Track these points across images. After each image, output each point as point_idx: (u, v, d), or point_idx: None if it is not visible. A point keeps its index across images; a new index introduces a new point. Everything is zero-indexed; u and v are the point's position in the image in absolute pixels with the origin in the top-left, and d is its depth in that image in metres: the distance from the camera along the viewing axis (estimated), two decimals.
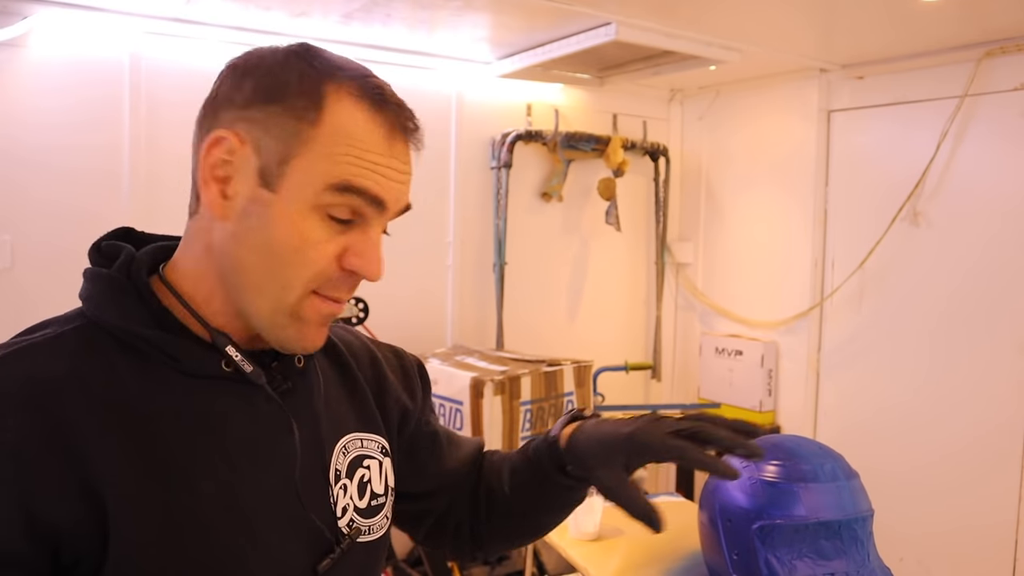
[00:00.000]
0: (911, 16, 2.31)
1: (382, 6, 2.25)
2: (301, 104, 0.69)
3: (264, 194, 0.70)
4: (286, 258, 0.70)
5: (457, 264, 3.05)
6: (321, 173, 0.69)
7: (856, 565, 1.07)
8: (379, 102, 0.71)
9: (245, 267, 0.71)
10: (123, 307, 0.72)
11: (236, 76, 0.74)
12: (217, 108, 0.73)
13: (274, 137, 0.69)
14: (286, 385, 0.78)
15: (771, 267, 3.24)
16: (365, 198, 0.70)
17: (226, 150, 0.70)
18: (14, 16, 2.16)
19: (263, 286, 0.71)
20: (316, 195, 0.69)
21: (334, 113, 0.69)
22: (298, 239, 0.69)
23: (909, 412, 2.82)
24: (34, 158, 2.27)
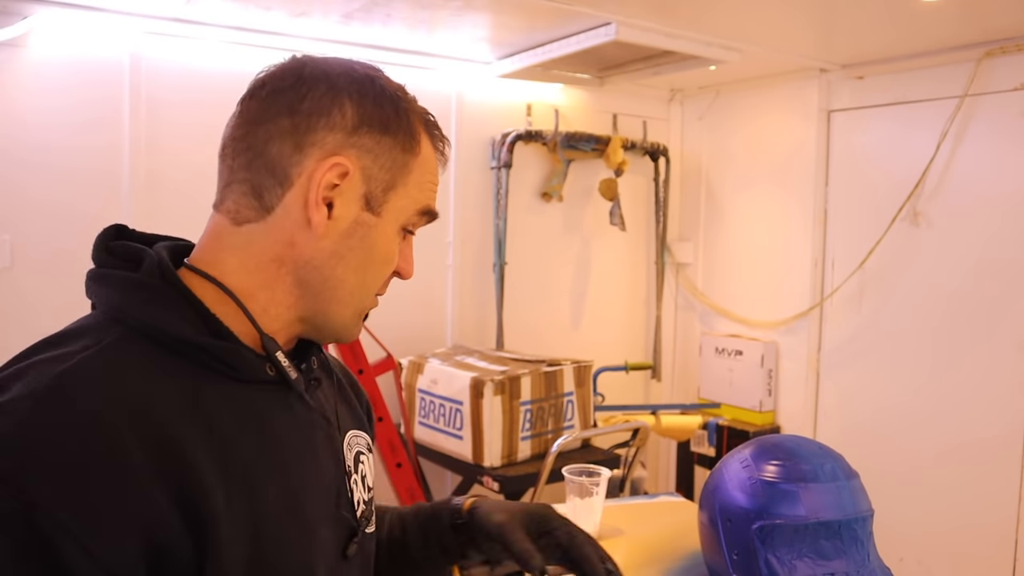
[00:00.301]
0: (911, 16, 2.31)
1: (382, 6, 2.25)
2: (405, 138, 0.77)
3: (368, 217, 0.76)
4: (379, 271, 0.79)
5: (457, 264, 3.05)
6: (415, 200, 0.78)
7: (856, 565, 1.07)
8: (436, 133, 0.81)
9: (340, 281, 0.77)
10: (174, 314, 0.70)
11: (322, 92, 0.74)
12: (312, 127, 0.73)
13: (382, 166, 0.76)
14: (314, 382, 0.82)
15: (771, 267, 3.24)
16: (431, 216, 0.81)
17: (338, 175, 0.74)
18: (14, 16, 2.16)
19: (353, 296, 0.78)
20: (408, 218, 0.79)
21: (424, 147, 0.79)
22: (391, 255, 0.79)
23: (909, 412, 2.83)
24: (34, 158, 2.27)
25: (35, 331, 0.78)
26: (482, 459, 2.44)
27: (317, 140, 0.73)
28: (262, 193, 0.74)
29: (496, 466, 2.44)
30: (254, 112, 0.75)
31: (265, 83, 0.75)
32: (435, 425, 2.60)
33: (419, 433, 2.68)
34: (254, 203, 0.74)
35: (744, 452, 1.16)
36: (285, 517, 0.72)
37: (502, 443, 2.45)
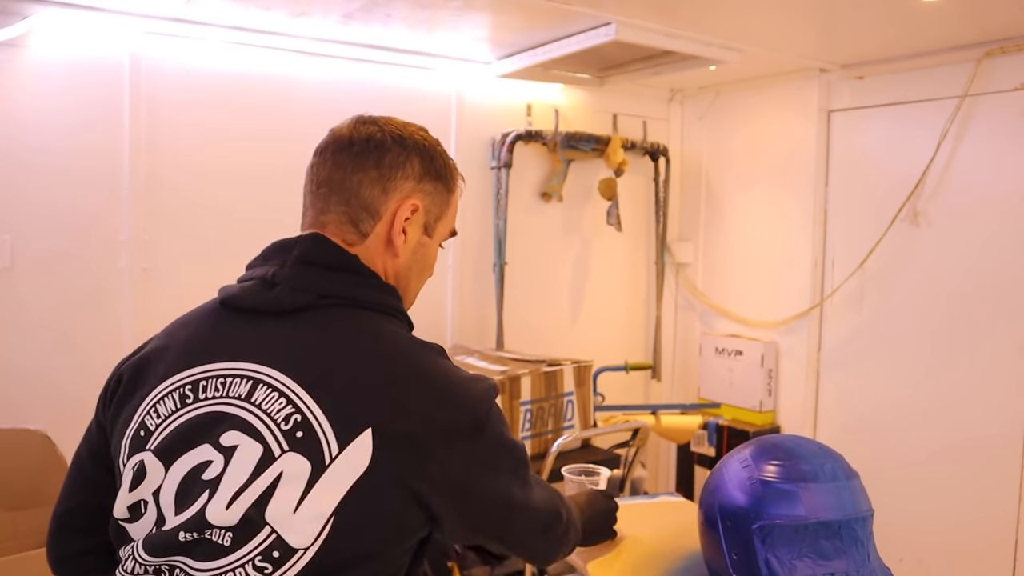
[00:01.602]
0: (911, 16, 2.31)
1: (382, 6, 2.25)
2: (448, 182, 1.10)
3: (426, 239, 1.09)
4: (426, 275, 1.14)
5: (457, 264, 3.05)
6: (449, 225, 1.13)
7: (856, 565, 1.07)
8: (460, 176, 1.15)
9: (411, 281, 1.11)
10: (402, 309, 1.10)
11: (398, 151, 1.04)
12: (393, 177, 1.03)
13: (435, 204, 1.08)
14: None
15: (771, 267, 3.24)
16: (455, 234, 1.16)
17: (411, 211, 1.04)
18: (14, 16, 2.16)
19: (414, 294, 1.14)
20: (444, 238, 1.13)
21: (456, 188, 1.13)
22: (433, 263, 1.14)
23: (909, 412, 2.83)
24: (34, 158, 2.27)
25: (35, 331, 0.80)
26: None
27: (397, 187, 1.03)
28: (359, 224, 1.02)
29: None
30: (346, 163, 1.01)
31: (353, 142, 1.02)
32: None
33: None
34: (354, 230, 1.02)
35: (744, 452, 1.16)
36: None
37: None
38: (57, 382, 2.29)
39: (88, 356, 2.33)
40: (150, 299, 2.40)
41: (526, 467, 1.02)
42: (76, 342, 2.32)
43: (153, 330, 1.08)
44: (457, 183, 1.13)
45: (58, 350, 2.30)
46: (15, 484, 1.97)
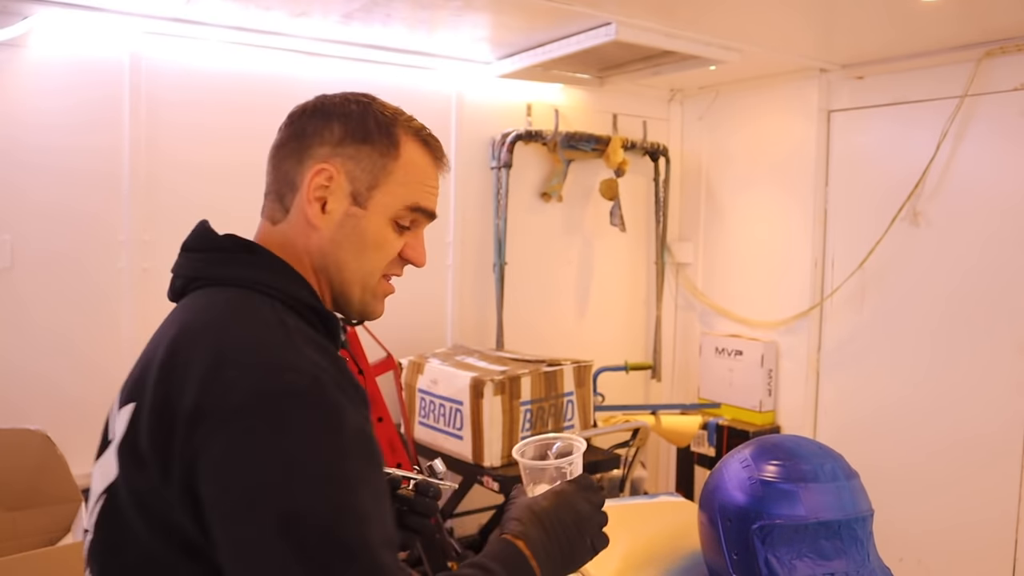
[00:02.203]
0: (911, 16, 2.31)
1: (382, 6, 2.25)
2: (383, 144, 0.94)
3: (356, 211, 0.94)
4: (374, 255, 0.96)
5: (457, 264, 3.05)
6: (401, 196, 0.95)
7: (856, 565, 1.07)
8: (428, 141, 0.98)
9: (343, 262, 0.95)
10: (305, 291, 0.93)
11: (319, 119, 0.95)
12: (309, 145, 0.94)
13: (364, 169, 0.94)
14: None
15: (771, 267, 3.24)
16: (424, 213, 0.98)
17: (326, 178, 0.93)
18: (14, 16, 2.16)
19: (356, 275, 0.96)
20: (395, 212, 0.95)
21: (407, 152, 0.96)
22: (382, 242, 0.96)
23: (909, 412, 2.83)
24: (34, 158, 2.27)
25: (35, 331, 0.80)
26: (482, 459, 2.44)
27: (312, 154, 0.94)
28: (283, 199, 0.96)
29: (496, 466, 2.44)
30: (280, 140, 0.97)
31: (291, 118, 0.98)
32: (435, 425, 2.60)
33: (419, 433, 2.68)
34: (279, 207, 0.96)
35: (744, 452, 1.16)
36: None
37: (502, 443, 2.45)
38: (57, 382, 2.29)
39: (88, 356, 2.33)
40: (150, 299, 2.40)
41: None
42: (76, 342, 2.32)
43: (153, 330, 1.08)
44: (402, 146, 0.95)
45: (58, 350, 2.29)
46: (15, 484, 1.97)
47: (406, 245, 0.98)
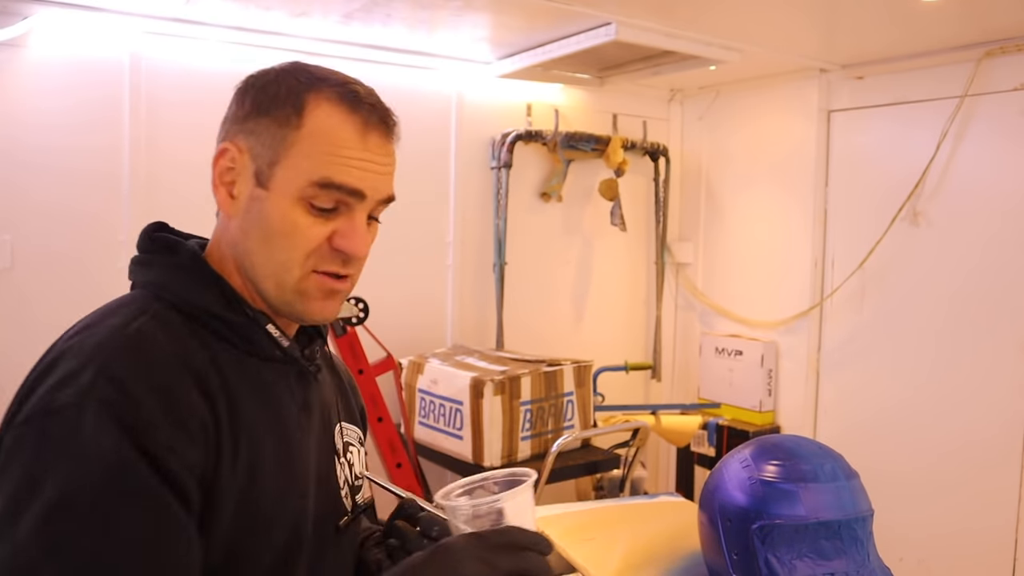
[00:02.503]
0: (911, 16, 2.31)
1: (382, 6, 2.25)
2: (284, 114, 0.81)
3: (259, 192, 0.81)
4: (280, 243, 0.81)
5: (457, 264, 3.05)
6: (305, 171, 0.80)
7: (856, 565, 1.07)
8: (353, 104, 0.81)
9: (252, 254, 0.83)
10: (211, 294, 0.82)
11: (240, 95, 0.85)
12: (226, 125, 0.85)
13: (264, 144, 0.81)
14: (315, 368, 0.92)
15: (771, 267, 3.24)
16: (344, 191, 0.80)
17: (229, 159, 0.83)
18: (14, 16, 2.16)
19: (267, 269, 0.83)
20: (301, 190, 0.80)
21: (313, 118, 0.80)
22: (289, 227, 0.80)
23: (909, 412, 2.82)
24: (34, 158, 2.27)
25: (35, 331, 0.81)
26: (482, 459, 2.44)
27: (222, 134, 0.85)
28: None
29: (496, 466, 2.44)
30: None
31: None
32: (435, 425, 2.60)
33: (419, 433, 2.68)
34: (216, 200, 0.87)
35: (744, 452, 1.16)
36: (281, 474, 0.81)
37: (502, 443, 2.45)
38: None
39: None
40: None
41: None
42: None
43: None
44: (308, 113, 0.80)
45: None
46: None
47: (335, 232, 0.81)
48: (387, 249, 2.93)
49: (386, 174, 0.84)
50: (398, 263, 2.92)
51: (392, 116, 0.84)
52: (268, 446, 0.80)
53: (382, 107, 0.83)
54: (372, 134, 0.81)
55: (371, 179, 0.81)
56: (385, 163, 0.83)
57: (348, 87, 0.82)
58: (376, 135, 0.82)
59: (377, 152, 0.82)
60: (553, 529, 1.42)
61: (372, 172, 0.81)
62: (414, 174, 2.92)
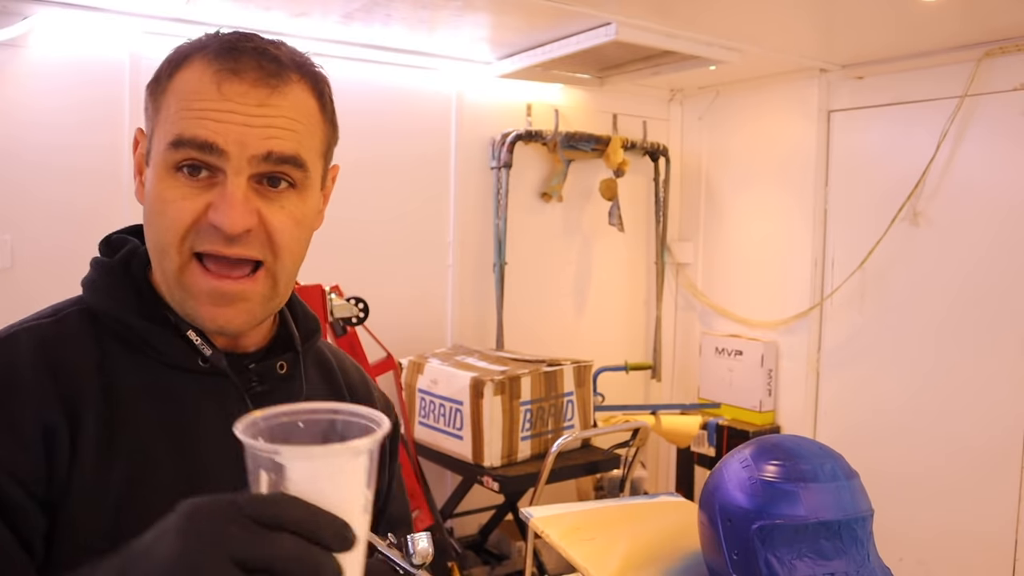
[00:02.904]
0: (911, 16, 2.31)
1: (382, 6, 2.25)
2: (156, 81, 0.74)
3: (148, 171, 0.74)
4: (156, 221, 0.72)
5: (457, 264, 3.05)
6: (163, 135, 0.71)
7: (856, 565, 1.07)
8: (217, 54, 0.71)
9: (148, 232, 0.75)
10: (117, 297, 0.76)
11: None
12: None
13: (148, 118, 0.75)
14: (262, 387, 0.80)
15: (771, 267, 3.24)
16: (195, 146, 0.69)
17: (135, 144, 0.77)
18: (14, 16, 2.16)
19: (153, 258, 0.75)
20: (163, 156, 0.71)
21: (178, 78, 0.72)
22: (160, 201, 0.71)
23: (909, 412, 2.82)
24: (34, 158, 2.27)
25: None
26: (482, 459, 2.44)
27: None
28: None
29: (496, 466, 2.44)
30: None
31: None
32: (435, 425, 2.60)
33: (419, 433, 2.68)
34: None
35: (744, 452, 1.16)
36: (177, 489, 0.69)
37: (502, 443, 2.45)
38: None
39: None
40: None
41: None
42: None
43: None
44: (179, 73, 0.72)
45: None
46: None
47: (210, 205, 0.70)
48: (387, 249, 2.95)
49: (261, 127, 0.70)
50: (398, 263, 2.92)
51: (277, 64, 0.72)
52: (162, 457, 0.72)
53: (259, 54, 0.71)
54: (232, 81, 0.69)
55: (233, 131, 0.69)
56: (257, 114, 0.70)
57: (227, 38, 0.73)
58: (237, 82, 0.70)
59: (239, 101, 0.69)
60: (553, 529, 1.42)
61: (233, 124, 0.69)
62: (414, 174, 2.92)
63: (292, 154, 0.72)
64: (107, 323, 0.76)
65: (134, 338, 0.75)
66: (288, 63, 0.73)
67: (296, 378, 0.84)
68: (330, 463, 0.52)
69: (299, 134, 0.73)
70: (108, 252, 0.81)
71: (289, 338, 0.85)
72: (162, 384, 0.75)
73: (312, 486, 0.51)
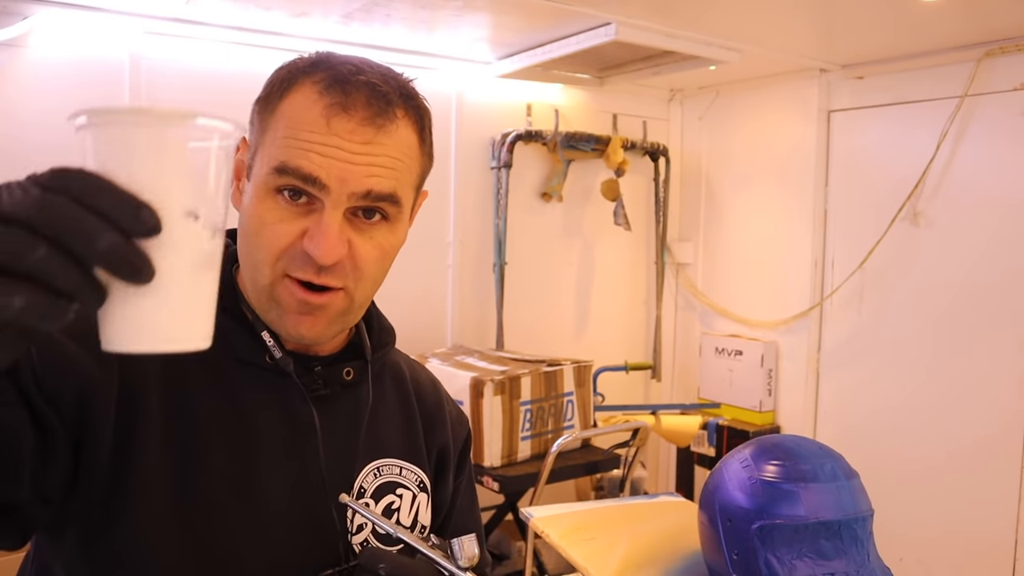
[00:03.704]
0: (911, 16, 2.31)
1: (382, 6, 2.25)
2: (268, 99, 0.75)
3: (247, 185, 0.76)
4: (253, 239, 0.74)
5: (457, 264, 3.05)
6: (269, 157, 0.72)
7: (856, 565, 1.07)
8: (330, 84, 0.72)
9: (240, 253, 0.77)
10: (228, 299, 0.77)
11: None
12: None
13: (255, 132, 0.76)
14: (325, 391, 0.82)
15: (771, 267, 3.24)
16: (298, 176, 0.70)
17: (240, 153, 0.77)
18: (14, 16, 2.16)
19: (246, 268, 0.77)
20: (265, 178, 0.72)
21: (288, 102, 0.73)
22: (258, 221, 0.73)
23: (909, 412, 2.82)
24: (34, 159, 2.26)
25: None
26: (482, 459, 2.44)
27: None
28: None
29: (496, 466, 2.44)
30: None
31: None
32: None
33: None
34: None
35: (744, 452, 1.16)
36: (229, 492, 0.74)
37: (502, 443, 2.45)
38: None
39: None
40: None
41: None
42: None
43: None
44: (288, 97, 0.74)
45: None
46: None
47: (306, 231, 0.72)
48: None
49: (364, 164, 0.72)
50: (398, 263, 2.89)
51: (385, 101, 0.74)
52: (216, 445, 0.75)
53: (369, 90, 0.73)
54: (341, 117, 0.71)
55: (336, 167, 0.70)
56: (361, 152, 0.71)
57: (339, 68, 0.74)
58: (346, 119, 0.71)
59: (346, 138, 0.71)
60: (553, 529, 1.42)
61: (337, 160, 0.70)
62: None
63: (389, 193, 0.74)
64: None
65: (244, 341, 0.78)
66: (396, 99, 0.76)
67: (362, 387, 0.85)
68: (140, 133, 0.47)
69: (398, 172, 0.75)
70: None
71: (361, 347, 0.87)
72: (228, 376, 0.77)
73: (116, 161, 0.47)
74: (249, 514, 0.75)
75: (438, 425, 0.95)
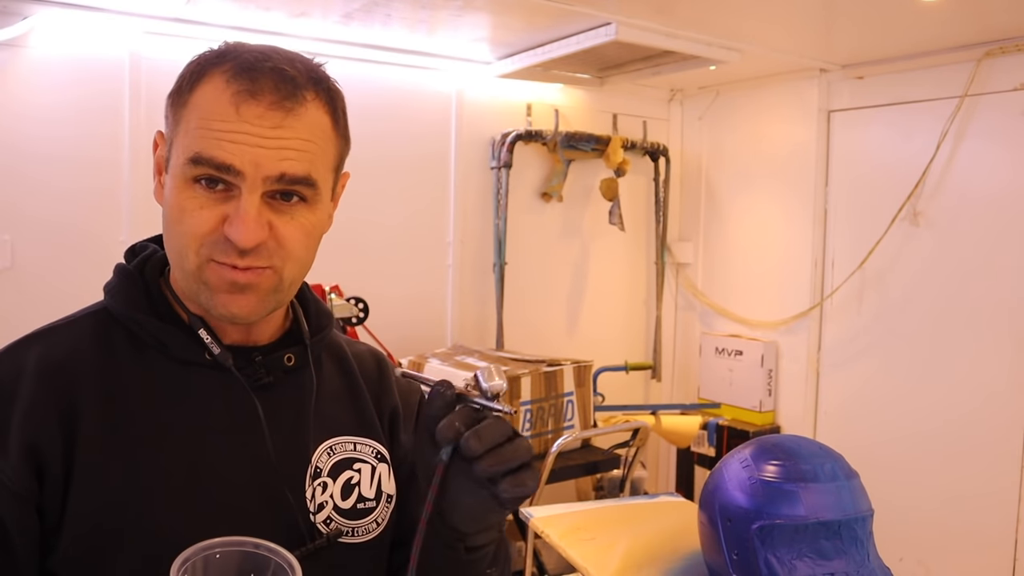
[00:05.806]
0: (911, 16, 2.31)
1: (382, 6, 2.25)
2: (178, 93, 0.79)
3: (166, 179, 0.78)
4: (175, 228, 0.76)
5: (457, 264, 3.05)
6: (183, 149, 0.75)
7: (856, 565, 1.07)
8: (236, 73, 0.74)
9: (165, 246, 0.80)
10: (132, 298, 0.81)
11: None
12: None
13: (169, 126, 0.79)
14: (268, 379, 0.84)
15: (771, 267, 3.24)
16: (212, 166, 0.73)
17: (157, 147, 0.82)
18: (14, 16, 2.16)
19: (172, 257, 0.79)
20: (182, 169, 0.75)
21: (198, 94, 0.76)
22: (179, 210, 0.75)
23: (909, 412, 2.82)
24: (34, 159, 2.27)
25: None
26: None
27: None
28: None
29: None
30: None
31: None
32: None
33: None
34: None
35: (744, 452, 1.16)
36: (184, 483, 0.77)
37: None
38: None
39: None
40: None
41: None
42: None
43: None
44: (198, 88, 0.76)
45: None
46: None
47: (226, 217, 0.74)
48: (387, 249, 2.95)
49: (276, 148, 0.73)
50: (398, 263, 2.92)
51: (293, 85, 0.75)
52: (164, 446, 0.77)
53: (277, 75, 0.74)
54: (249, 103, 0.73)
55: (248, 153, 0.72)
56: (272, 136, 0.73)
57: (246, 56, 0.75)
58: (254, 104, 0.73)
59: (255, 123, 0.73)
60: (553, 529, 1.42)
61: (248, 145, 0.72)
62: (414, 174, 2.92)
63: (304, 175, 0.76)
64: (123, 324, 0.81)
65: (146, 336, 0.80)
66: (304, 82, 0.76)
67: (304, 371, 0.87)
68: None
69: (311, 154, 0.76)
70: (130, 259, 0.86)
71: (300, 332, 0.88)
72: (170, 378, 0.79)
73: None
74: (206, 508, 0.77)
75: (384, 392, 0.96)
